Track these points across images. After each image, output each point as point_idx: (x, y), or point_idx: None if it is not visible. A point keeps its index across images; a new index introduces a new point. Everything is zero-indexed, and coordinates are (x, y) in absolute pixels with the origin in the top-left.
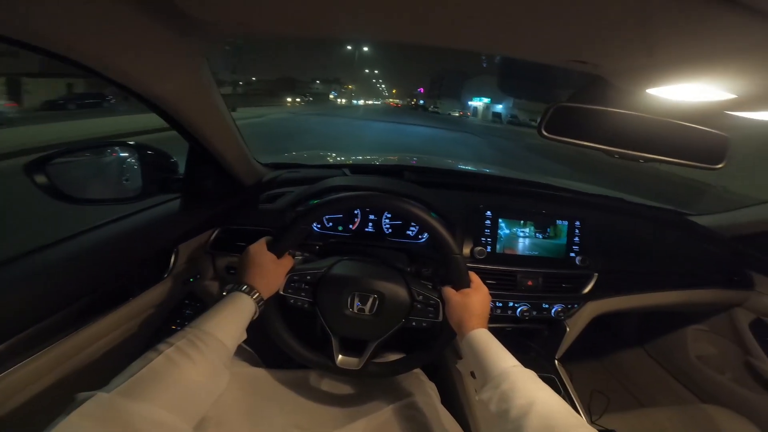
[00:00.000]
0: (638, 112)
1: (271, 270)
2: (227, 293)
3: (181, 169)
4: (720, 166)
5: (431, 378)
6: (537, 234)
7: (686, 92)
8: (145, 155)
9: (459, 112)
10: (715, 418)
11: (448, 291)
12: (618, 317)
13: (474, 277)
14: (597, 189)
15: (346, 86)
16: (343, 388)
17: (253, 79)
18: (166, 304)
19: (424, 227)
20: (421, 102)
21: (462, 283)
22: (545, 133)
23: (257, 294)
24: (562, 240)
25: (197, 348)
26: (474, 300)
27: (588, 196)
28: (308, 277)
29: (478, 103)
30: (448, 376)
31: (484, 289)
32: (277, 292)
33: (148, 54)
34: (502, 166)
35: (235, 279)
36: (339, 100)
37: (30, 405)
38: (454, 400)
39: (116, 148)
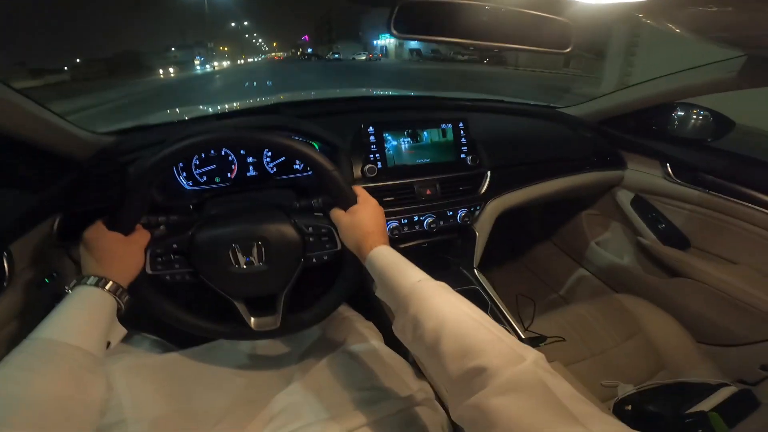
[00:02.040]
0: (483, 2)
1: (120, 252)
2: (71, 290)
3: None
4: (567, 50)
5: (369, 318)
6: (426, 140)
7: None
8: None
9: (367, 54)
10: (632, 309)
11: (336, 213)
12: (523, 215)
13: (360, 190)
14: (476, 95)
15: (216, 48)
16: (273, 349)
17: (77, 61)
18: (24, 315)
19: (286, 152)
20: (309, 50)
21: (347, 201)
22: (395, 32)
23: (110, 283)
24: (450, 142)
25: (40, 360)
26: (363, 215)
27: (468, 100)
28: (175, 246)
29: (387, 41)
30: (383, 312)
31: (373, 201)
32: (145, 273)
33: None
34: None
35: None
36: (161, 70)
37: None
38: (392, 336)
39: None
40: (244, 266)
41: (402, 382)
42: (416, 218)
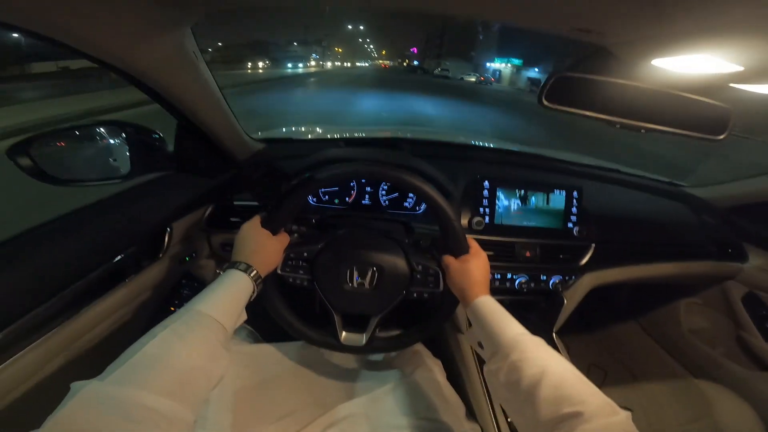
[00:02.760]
0: (640, 82)
1: (267, 247)
2: (223, 272)
3: (170, 146)
4: (722, 137)
5: (436, 355)
6: (535, 204)
7: (692, 64)
8: (131, 133)
9: (478, 76)
10: (707, 394)
11: (448, 258)
12: (612, 289)
13: (472, 242)
14: (593, 160)
15: (330, 48)
16: (346, 362)
17: (219, 44)
18: (163, 285)
19: (420, 195)
20: (416, 63)
21: (461, 250)
22: (546, 103)
23: (254, 272)
24: (560, 210)
25: (192, 329)
26: (474, 266)
27: (585, 166)
28: (305, 254)
29: (502, 65)
30: (450, 353)
31: (483, 255)
32: (275, 271)
33: (125, 27)
34: (504, 139)
35: (230, 257)
36: (250, 63)
37: (28, 398)
38: (457, 377)
39: (102, 128)
40: (355, 285)
41: (456, 420)
42: (509, 276)
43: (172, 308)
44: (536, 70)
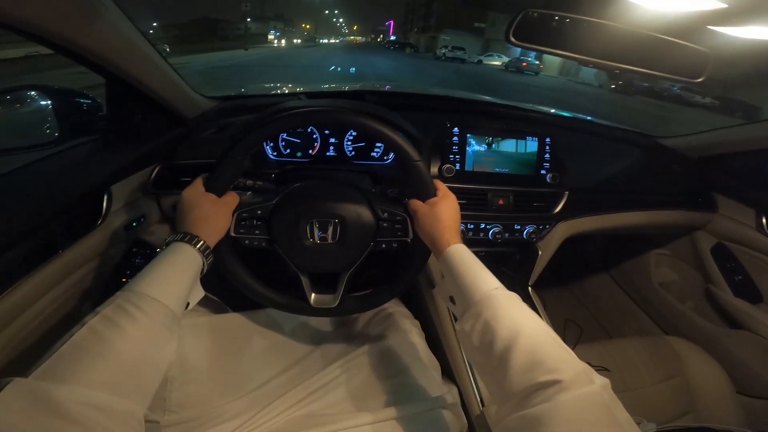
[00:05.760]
0: (615, 22)
1: (212, 212)
2: (165, 246)
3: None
4: (700, 80)
5: (416, 315)
6: (507, 151)
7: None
8: (58, 97)
9: (515, 60)
10: (678, 351)
11: (415, 203)
12: (585, 242)
13: (440, 184)
14: (565, 112)
15: (295, 24)
16: (320, 328)
17: (154, 24)
18: (109, 254)
19: (376, 136)
20: (392, 38)
21: (427, 192)
22: (513, 40)
23: (201, 242)
24: (533, 157)
25: (128, 314)
26: (442, 208)
27: (557, 117)
28: (259, 212)
29: None
30: (427, 312)
31: (452, 197)
32: (228, 235)
33: None
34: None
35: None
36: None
37: None
38: (435, 337)
39: (26, 93)
40: (318, 241)
41: (433, 383)
42: (482, 225)
43: (124, 279)
44: None
